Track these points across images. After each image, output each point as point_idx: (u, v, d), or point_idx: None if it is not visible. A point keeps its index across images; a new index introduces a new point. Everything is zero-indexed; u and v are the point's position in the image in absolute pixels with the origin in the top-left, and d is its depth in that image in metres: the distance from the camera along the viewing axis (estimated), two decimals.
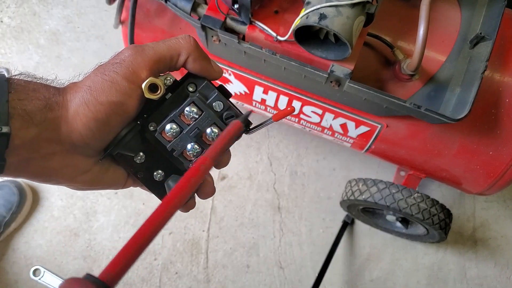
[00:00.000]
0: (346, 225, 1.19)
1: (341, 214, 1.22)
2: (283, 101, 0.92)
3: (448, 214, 0.97)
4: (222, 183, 1.26)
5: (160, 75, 0.36)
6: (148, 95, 0.34)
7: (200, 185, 0.38)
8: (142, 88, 0.33)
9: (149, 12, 0.89)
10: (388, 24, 0.83)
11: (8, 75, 0.31)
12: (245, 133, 0.39)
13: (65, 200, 1.23)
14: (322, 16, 0.64)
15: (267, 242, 1.23)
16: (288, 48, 0.75)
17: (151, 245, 1.19)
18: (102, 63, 0.34)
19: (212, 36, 0.78)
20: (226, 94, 0.37)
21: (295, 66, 0.73)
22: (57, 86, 0.33)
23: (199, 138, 0.37)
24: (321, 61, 0.74)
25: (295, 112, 0.94)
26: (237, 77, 0.92)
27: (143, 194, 1.24)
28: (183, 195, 0.23)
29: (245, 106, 1.04)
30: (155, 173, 0.38)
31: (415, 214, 0.92)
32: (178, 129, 0.36)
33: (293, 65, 0.73)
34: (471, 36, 0.77)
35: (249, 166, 1.27)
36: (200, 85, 0.37)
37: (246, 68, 0.88)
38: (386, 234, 1.22)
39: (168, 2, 0.77)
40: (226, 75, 0.93)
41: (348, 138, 0.96)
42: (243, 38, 0.78)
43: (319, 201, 1.25)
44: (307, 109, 0.92)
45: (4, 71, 1.30)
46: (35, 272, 1.17)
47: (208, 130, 0.37)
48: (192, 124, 0.36)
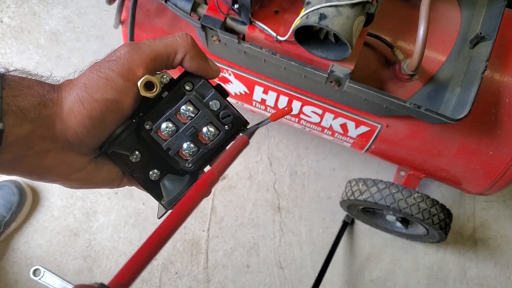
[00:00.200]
0: (346, 225, 1.19)
1: (341, 214, 1.22)
2: (283, 101, 0.92)
3: (448, 214, 0.97)
4: (222, 183, 1.26)
5: (157, 73, 0.35)
6: (144, 93, 0.33)
7: None
8: (138, 86, 0.33)
9: (149, 12, 0.89)
10: (388, 24, 0.83)
11: (3, 72, 0.31)
12: (242, 133, 0.39)
13: (65, 200, 1.23)
14: (322, 16, 0.64)
15: (267, 242, 1.23)
16: (288, 48, 0.75)
17: None
18: (98, 60, 0.33)
19: (212, 36, 0.78)
20: (223, 93, 0.37)
21: (295, 66, 0.73)
22: (52, 83, 0.33)
23: (195, 137, 0.37)
24: (321, 61, 0.74)
25: (295, 112, 0.94)
26: (237, 77, 0.92)
27: (143, 194, 1.24)
28: (190, 207, 0.24)
29: (245, 106, 1.04)
30: (151, 173, 0.38)
31: (415, 214, 0.92)
32: (174, 128, 0.36)
33: (293, 65, 0.73)
34: (471, 36, 0.77)
35: (249, 166, 1.27)
36: (197, 84, 0.36)
37: (246, 68, 0.88)
38: (386, 234, 1.22)
39: (168, 2, 0.77)
40: (226, 75, 0.93)
41: (348, 138, 0.96)
42: (243, 38, 0.78)
43: (319, 201, 1.25)
44: (307, 109, 0.92)
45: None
46: (35, 272, 1.16)
47: (204, 129, 0.36)
48: (188, 123, 0.36)
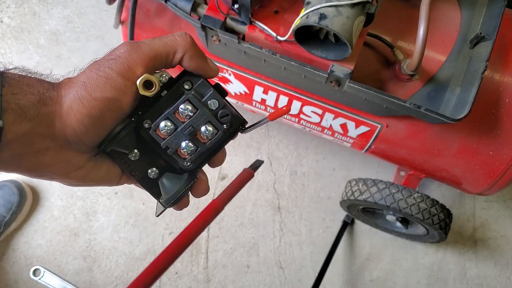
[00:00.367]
0: (346, 225, 1.19)
1: (341, 214, 1.22)
2: (283, 101, 0.92)
3: (448, 214, 0.97)
4: (222, 183, 1.26)
5: (156, 72, 0.35)
6: (143, 92, 0.33)
7: (195, 185, 0.38)
8: (137, 85, 0.33)
9: (149, 12, 0.89)
10: (388, 24, 0.83)
11: (3, 70, 0.31)
12: (241, 132, 0.39)
13: (65, 200, 1.23)
14: (322, 16, 0.64)
15: (267, 242, 1.23)
16: (288, 48, 0.75)
17: (151, 245, 1.19)
18: (97, 59, 0.33)
19: (212, 36, 0.78)
20: (222, 93, 0.37)
21: (295, 66, 0.73)
22: (52, 81, 0.33)
23: (194, 136, 0.37)
24: (321, 61, 0.74)
25: (295, 112, 0.94)
26: (237, 77, 0.92)
27: (143, 194, 1.24)
28: (198, 231, 0.25)
29: (245, 106, 1.04)
30: (149, 171, 0.38)
31: (415, 214, 0.92)
32: (173, 127, 0.36)
33: (293, 65, 0.73)
34: (471, 36, 0.77)
35: None
36: (196, 83, 0.36)
37: (246, 68, 0.88)
38: (386, 234, 1.22)
39: (168, 2, 0.77)
40: (226, 75, 0.93)
41: (348, 138, 0.96)
42: (243, 38, 0.78)
43: (319, 201, 1.25)
44: (307, 109, 0.92)
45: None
46: (35, 272, 1.16)
47: (203, 128, 0.36)
48: (187, 122, 0.36)
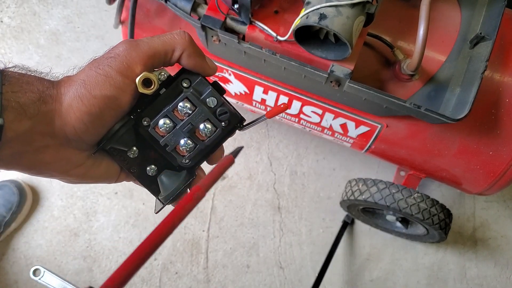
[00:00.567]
0: (346, 225, 1.19)
1: (341, 214, 1.22)
2: (283, 101, 0.92)
3: (448, 214, 0.97)
4: (222, 183, 1.26)
5: (155, 70, 0.36)
6: (142, 90, 0.34)
7: (193, 182, 0.38)
8: (136, 83, 0.33)
9: (149, 12, 0.89)
10: (388, 24, 0.83)
11: (3, 68, 0.31)
12: (239, 130, 0.39)
13: (65, 200, 1.23)
14: (322, 16, 0.64)
15: (267, 242, 1.23)
16: (288, 48, 0.75)
17: None
18: (97, 57, 0.34)
19: (212, 36, 0.78)
20: (220, 90, 0.37)
21: (295, 66, 0.73)
22: (51, 79, 0.33)
23: (192, 134, 0.37)
24: (321, 61, 0.74)
25: (295, 112, 0.94)
26: (237, 77, 0.92)
27: (143, 194, 1.24)
28: (179, 218, 0.26)
29: (245, 106, 1.04)
30: (148, 168, 0.38)
31: (415, 214, 0.92)
32: (172, 124, 0.36)
33: (293, 65, 0.73)
34: (471, 36, 0.77)
35: (249, 166, 1.27)
36: (194, 81, 0.37)
37: (246, 68, 0.88)
38: (386, 234, 1.22)
39: (168, 2, 0.77)
40: (226, 75, 0.93)
41: (348, 138, 0.96)
42: (243, 38, 0.78)
43: (319, 201, 1.25)
44: (307, 109, 0.92)
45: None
46: (35, 272, 1.16)
47: (201, 126, 0.36)
48: (185, 120, 0.36)
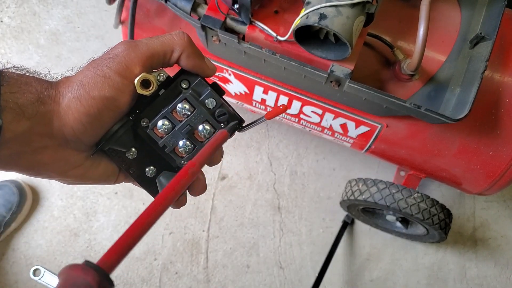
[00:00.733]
0: (346, 225, 1.19)
1: (341, 214, 1.22)
2: (283, 101, 0.92)
3: (448, 214, 0.97)
4: (222, 183, 1.26)
5: (154, 71, 0.36)
6: (141, 91, 0.33)
7: (193, 183, 0.38)
8: (135, 84, 0.33)
9: (149, 12, 0.89)
10: (388, 24, 0.83)
11: (1, 69, 0.31)
12: (238, 131, 0.39)
13: (65, 200, 1.23)
14: (322, 16, 0.64)
15: (267, 242, 1.23)
16: (288, 48, 0.75)
17: (151, 245, 1.19)
18: (96, 58, 0.34)
19: (212, 36, 0.78)
20: (219, 92, 0.37)
21: (295, 66, 0.73)
22: (50, 80, 0.33)
23: (191, 135, 0.37)
24: (321, 61, 0.74)
25: (295, 112, 0.94)
26: (237, 77, 0.92)
27: (143, 194, 1.24)
28: (174, 194, 0.26)
29: (245, 106, 1.04)
30: (147, 169, 0.38)
31: (415, 214, 0.92)
32: (170, 126, 0.36)
33: (293, 65, 0.73)
34: (471, 36, 0.77)
35: (249, 166, 1.27)
36: (193, 82, 0.36)
37: (246, 68, 0.88)
38: (386, 234, 1.22)
39: (168, 2, 0.77)
40: (226, 75, 0.93)
41: (348, 138, 0.96)
42: (243, 38, 0.78)
43: (319, 201, 1.25)
44: (307, 109, 0.92)
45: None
46: (35, 272, 1.16)
47: (200, 127, 0.36)
48: (184, 121, 0.36)
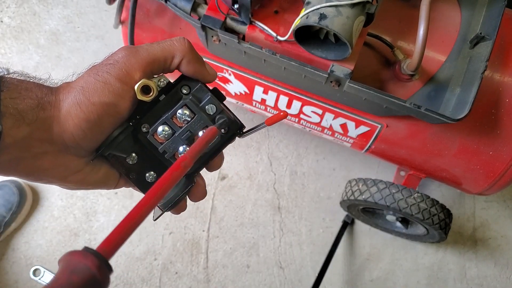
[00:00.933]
0: (346, 225, 1.19)
1: (341, 214, 1.22)
2: (283, 101, 0.92)
3: (448, 214, 0.97)
4: (222, 183, 1.26)
5: (154, 77, 0.36)
6: (141, 97, 0.33)
7: (193, 189, 0.38)
8: (135, 90, 0.33)
9: (149, 12, 0.89)
10: (388, 24, 0.83)
11: (3, 74, 0.31)
12: (238, 137, 0.39)
13: (65, 200, 1.23)
14: (322, 16, 0.64)
15: (267, 242, 1.23)
16: (288, 48, 0.75)
17: (151, 245, 1.19)
18: (96, 64, 0.34)
19: (212, 36, 0.78)
20: (220, 97, 0.37)
21: (295, 66, 0.73)
22: (50, 86, 0.33)
23: (191, 141, 0.37)
24: (321, 61, 0.74)
25: (295, 112, 0.94)
26: (237, 77, 0.92)
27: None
28: (167, 186, 0.27)
29: (245, 106, 1.04)
30: (147, 174, 0.38)
31: (415, 214, 0.92)
32: (170, 132, 0.36)
33: (293, 65, 0.73)
34: (471, 36, 0.77)
35: (249, 166, 1.27)
36: (194, 88, 0.36)
37: (246, 68, 0.88)
38: (386, 234, 1.22)
39: (168, 2, 0.77)
40: (226, 75, 0.93)
41: (348, 138, 0.96)
42: (243, 38, 0.78)
43: (319, 201, 1.25)
44: (307, 109, 0.92)
45: (4, 71, 1.30)
46: (35, 272, 1.17)
47: (200, 133, 0.36)
48: (184, 127, 0.36)
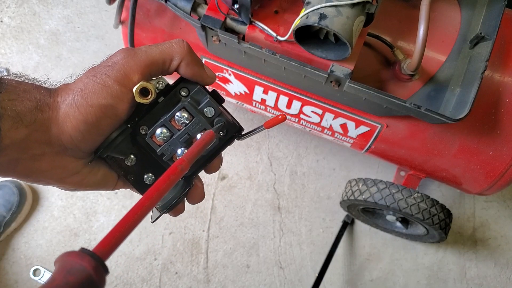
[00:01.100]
0: (346, 225, 1.19)
1: (341, 214, 1.22)
2: (283, 101, 0.92)
3: (448, 214, 0.97)
4: (222, 183, 1.26)
5: (153, 79, 0.35)
6: (139, 100, 0.33)
7: (191, 191, 0.38)
8: (133, 93, 0.33)
9: (149, 12, 0.89)
10: (388, 24, 0.83)
11: (2, 75, 0.31)
12: (237, 139, 0.39)
13: (65, 200, 1.23)
14: (322, 16, 0.64)
15: (267, 242, 1.23)
16: (288, 48, 0.75)
17: (151, 245, 1.19)
18: (95, 66, 0.34)
19: (212, 36, 0.78)
20: (219, 100, 0.37)
21: (295, 66, 0.73)
22: (49, 87, 0.33)
23: (189, 144, 0.36)
24: (321, 61, 0.74)
25: (295, 112, 0.94)
26: (237, 77, 0.92)
27: None
28: (164, 189, 0.27)
29: (245, 106, 1.04)
30: (145, 176, 0.38)
31: (415, 214, 0.92)
32: (169, 134, 0.36)
33: (293, 65, 0.73)
34: (471, 36, 0.77)
35: (249, 166, 1.27)
36: (193, 90, 0.36)
37: (246, 68, 0.88)
38: (386, 234, 1.22)
39: (168, 2, 0.77)
40: (226, 75, 0.93)
41: (348, 138, 0.96)
42: (243, 38, 0.78)
43: (319, 201, 1.25)
44: (307, 109, 0.92)
45: (4, 71, 1.30)
46: (35, 272, 1.17)
47: (199, 136, 0.36)
48: (183, 130, 0.36)
